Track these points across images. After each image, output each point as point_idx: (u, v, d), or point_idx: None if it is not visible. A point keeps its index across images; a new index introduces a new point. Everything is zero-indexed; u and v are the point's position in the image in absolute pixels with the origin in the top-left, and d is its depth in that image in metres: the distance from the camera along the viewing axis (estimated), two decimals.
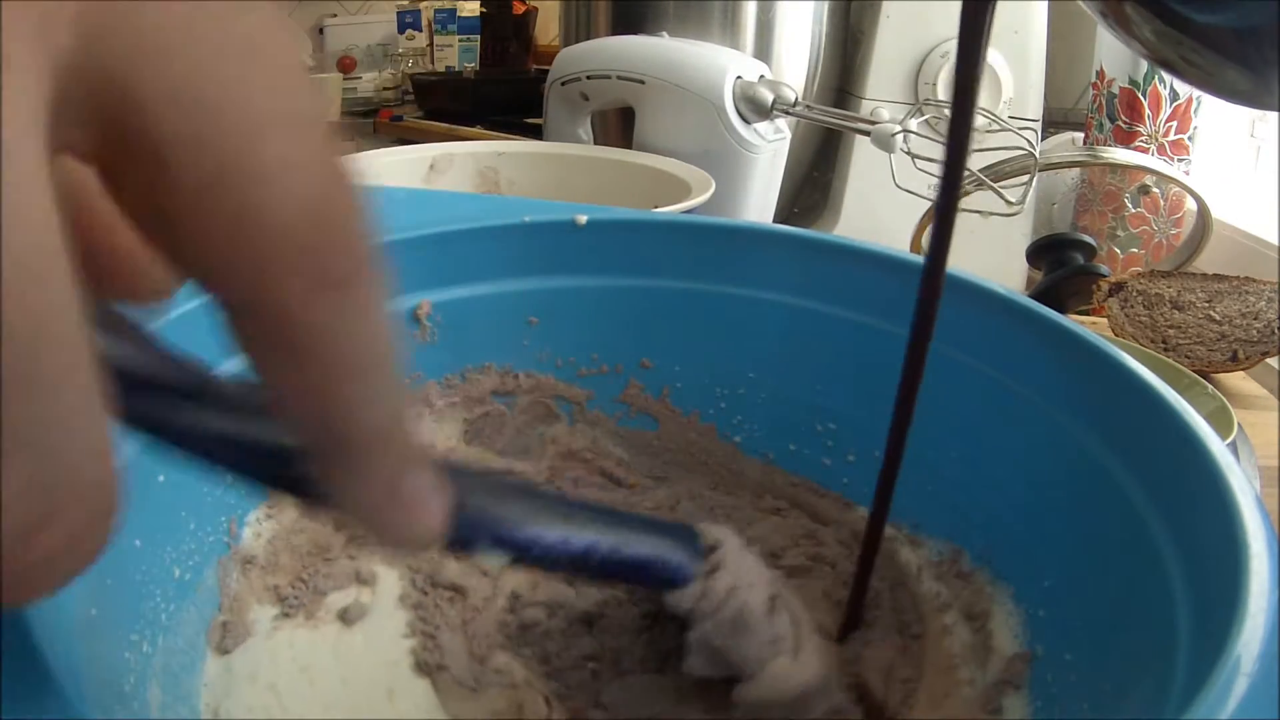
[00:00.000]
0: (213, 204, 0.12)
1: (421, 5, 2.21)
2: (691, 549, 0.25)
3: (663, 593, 0.25)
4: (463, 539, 0.19)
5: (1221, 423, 0.48)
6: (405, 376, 0.15)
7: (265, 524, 0.30)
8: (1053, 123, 1.04)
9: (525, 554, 0.21)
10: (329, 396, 0.14)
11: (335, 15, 2.35)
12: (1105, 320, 0.67)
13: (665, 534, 0.25)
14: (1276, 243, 0.84)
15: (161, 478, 0.26)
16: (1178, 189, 0.85)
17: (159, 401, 0.15)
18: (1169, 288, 0.66)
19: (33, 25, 0.10)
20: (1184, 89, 0.85)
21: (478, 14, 2.10)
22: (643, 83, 0.71)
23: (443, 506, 0.17)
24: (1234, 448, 0.47)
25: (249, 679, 0.26)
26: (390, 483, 0.15)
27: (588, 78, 0.75)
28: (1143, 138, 0.86)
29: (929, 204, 0.70)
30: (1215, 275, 0.68)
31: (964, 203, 0.68)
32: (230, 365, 0.29)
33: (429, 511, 0.16)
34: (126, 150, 0.12)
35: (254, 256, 0.12)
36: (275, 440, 0.16)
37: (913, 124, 0.62)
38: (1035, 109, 0.88)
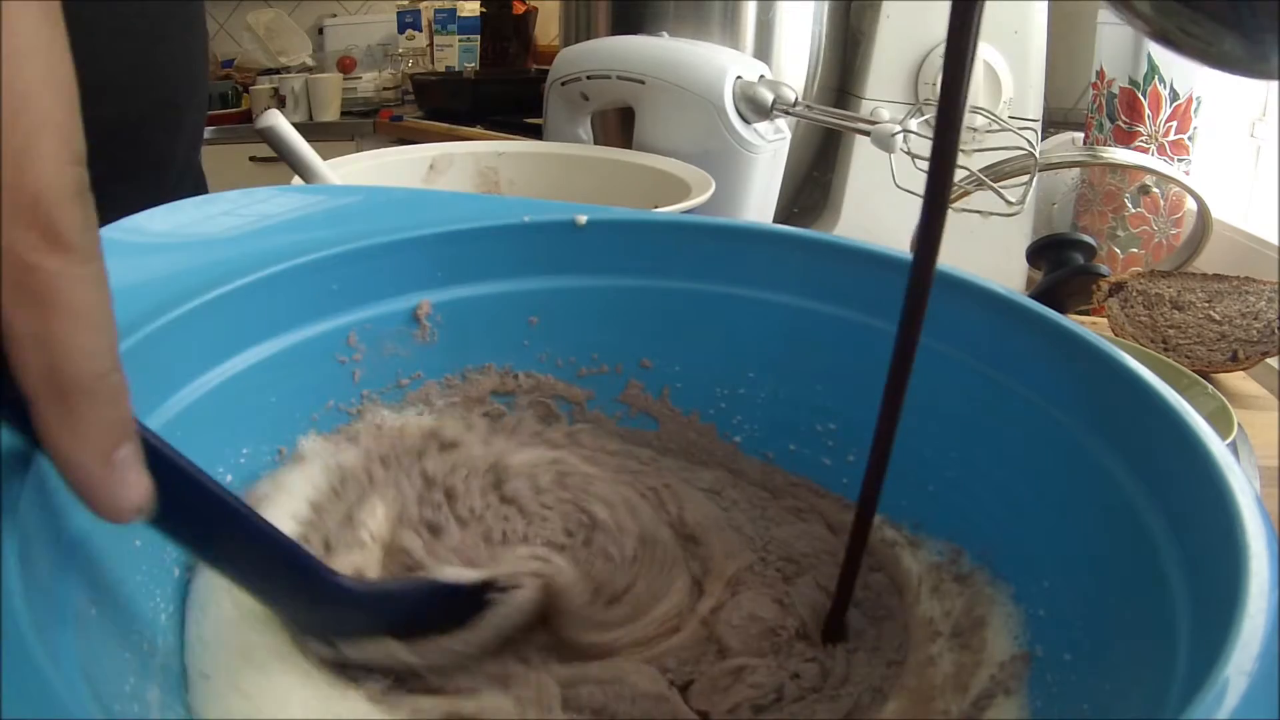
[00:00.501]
0: None
1: (421, 5, 2.21)
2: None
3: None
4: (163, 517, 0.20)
5: (1221, 423, 0.48)
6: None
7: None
8: (1053, 123, 1.04)
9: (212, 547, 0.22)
10: (54, 341, 0.16)
11: (335, 15, 2.36)
12: (1105, 320, 0.67)
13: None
14: (1276, 243, 0.84)
15: None
16: (1178, 189, 0.85)
17: None
18: (1169, 288, 0.66)
19: None
20: (1184, 89, 0.85)
21: (478, 14, 2.10)
22: (643, 83, 0.71)
23: (147, 488, 0.18)
24: (1234, 448, 0.47)
25: (201, 676, 0.26)
26: (102, 444, 0.17)
27: (588, 78, 0.75)
28: (1143, 138, 0.87)
29: None
30: (1215, 275, 0.68)
31: (964, 203, 0.68)
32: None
33: (134, 485, 0.18)
34: None
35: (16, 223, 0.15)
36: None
37: (913, 124, 0.62)
38: (1035, 109, 0.88)
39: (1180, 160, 0.87)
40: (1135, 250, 0.89)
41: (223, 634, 0.25)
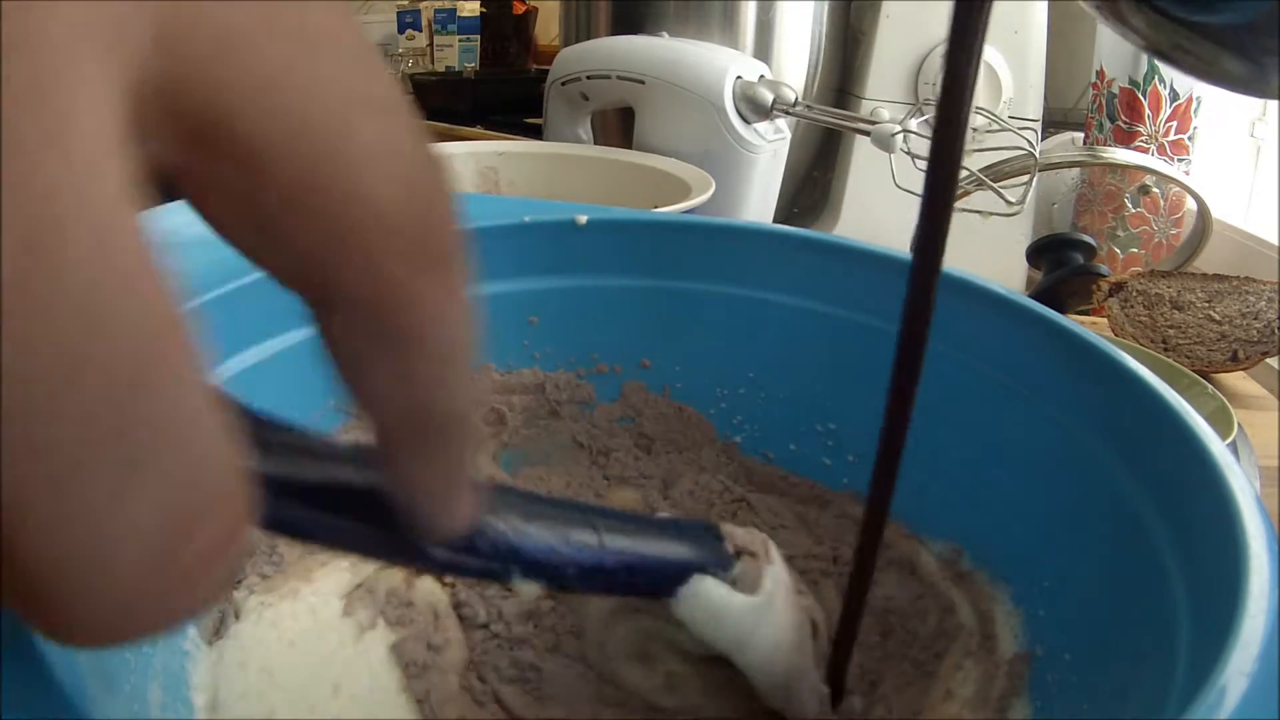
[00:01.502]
0: (312, 198, 0.12)
1: (421, 5, 2.21)
2: (715, 552, 0.24)
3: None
4: (488, 553, 0.19)
5: (1221, 423, 0.48)
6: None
7: None
8: (1053, 123, 1.04)
9: (550, 573, 0.20)
10: (423, 379, 0.14)
11: None
12: (1105, 320, 0.67)
13: (686, 536, 0.24)
14: (1276, 243, 0.84)
15: None
16: (1178, 189, 0.85)
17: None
18: (1169, 288, 0.66)
19: (109, 29, 0.10)
20: (1184, 88, 0.85)
21: (478, 14, 2.10)
22: (643, 83, 0.71)
23: (477, 501, 0.17)
24: (1234, 448, 0.47)
25: (239, 666, 0.26)
26: (455, 472, 0.15)
27: (588, 78, 0.75)
28: (1143, 138, 0.86)
29: None
30: (1215, 275, 0.68)
31: (964, 203, 0.68)
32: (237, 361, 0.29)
33: (472, 503, 0.16)
34: (213, 156, 0.11)
35: (358, 245, 0.12)
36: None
37: (913, 124, 0.62)
38: (1035, 109, 0.88)
39: (1180, 160, 0.87)
40: (1135, 250, 0.89)
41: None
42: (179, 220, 0.34)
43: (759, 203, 0.72)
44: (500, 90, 1.78)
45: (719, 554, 0.24)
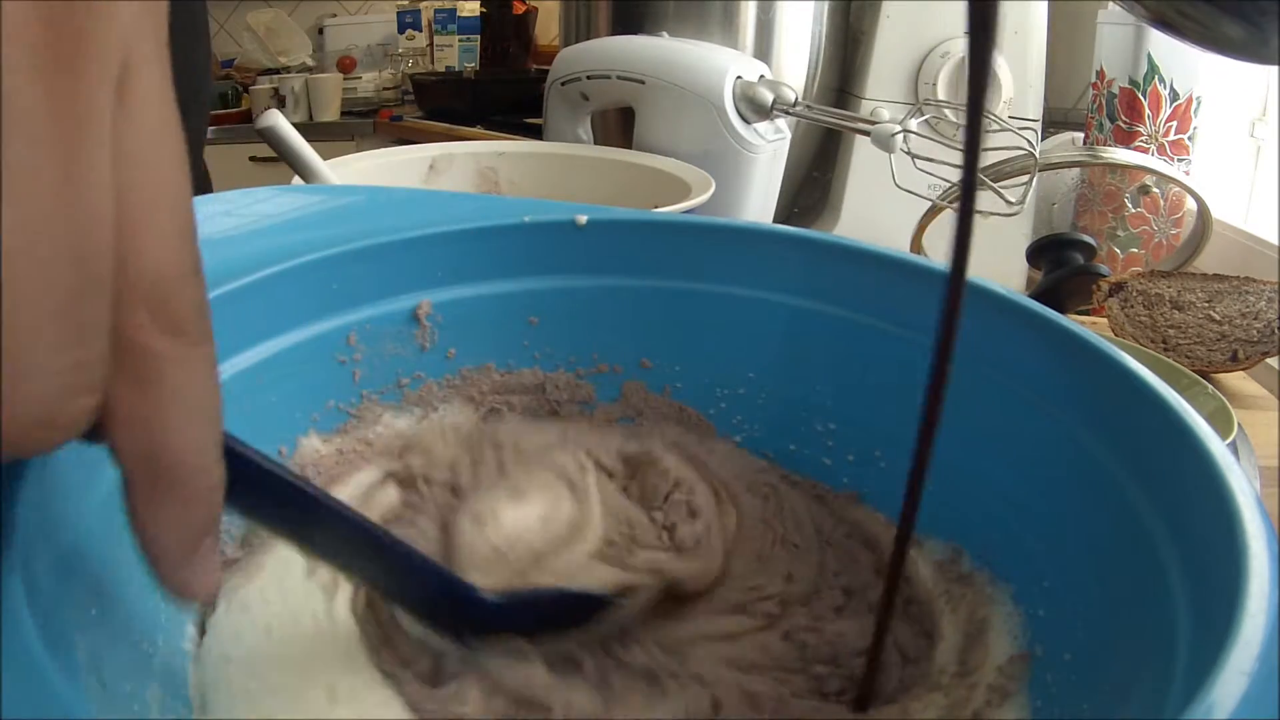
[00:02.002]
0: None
1: (421, 5, 2.21)
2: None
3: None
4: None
5: (1221, 423, 0.48)
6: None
7: None
8: (1053, 123, 1.04)
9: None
10: (162, 425, 0.16)
11: (335, 15, 2.36)
12: (1105, 320, 0.67)
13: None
14: (1276, 243, 0.84)
15: None
16: (1178, 189, 0.85)
17: None
18: (1169, 288, 0.66)
19: None
20: (1184, 88, 0.85)
21: (478, 14, 2.10)
22: (643, 83, 0.71)
23: (218, 577, 0.18)
24: (1234, 448, 0.47)
25: (224, 660, 0.26)
26: (185, 535, 0.17)
27: (588, 78, 0.75)
28: (1143, 138, 0.87)
29: (929, 204, 0.70)
30: (1215, 275, 0.68)
31: None
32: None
33: (208, 576, 0.17)
34: None
35: (120, 298, 0.15)
36: None
37: (913, 124, 0.62)
38: (1035, 109, 0.88)
39: (1180, 160, 0.87)
40: (1135, 250, 0.89)
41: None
42: None
43: (759, 203, 0.72)
44: (500, 90, 1.78)
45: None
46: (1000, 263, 0.86)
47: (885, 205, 0.83)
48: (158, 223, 0.15)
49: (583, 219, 0.35)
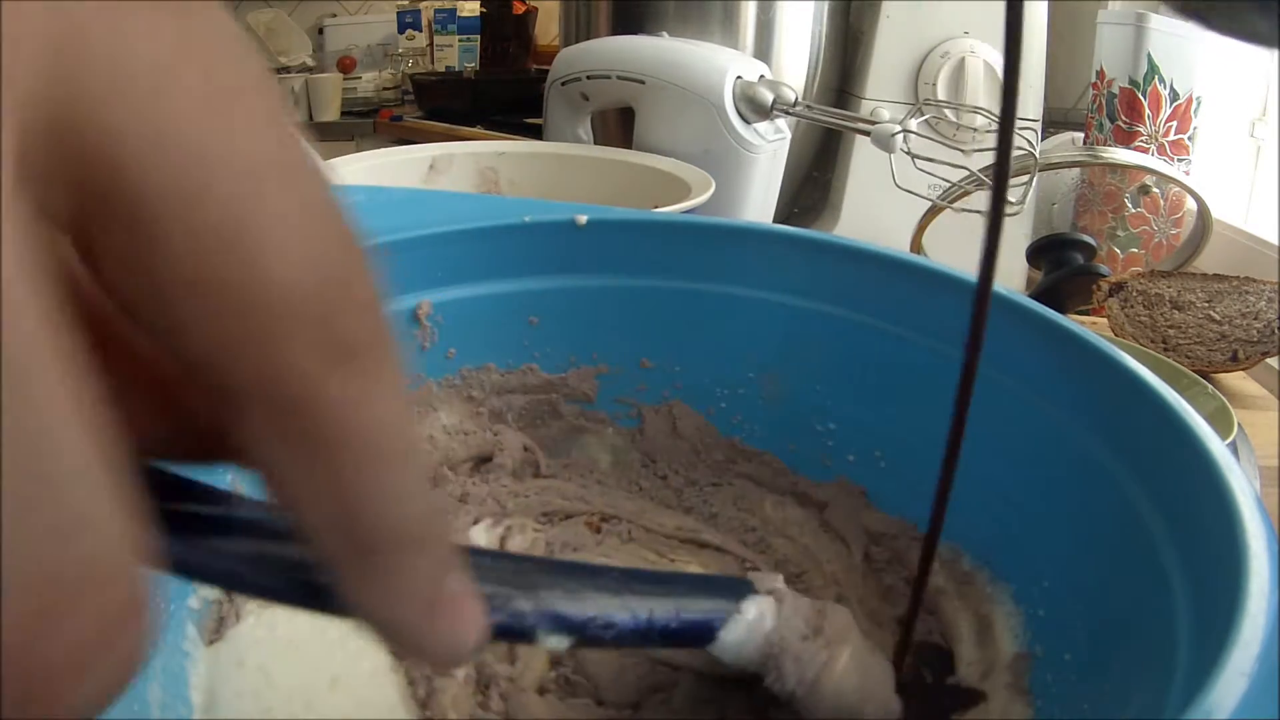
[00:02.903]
0: (208, 270, 0.10)
1: (421, 5, 2.21)
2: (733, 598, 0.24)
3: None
4: (511, 630, 0.18)
5: (1221, 423, 0.48)
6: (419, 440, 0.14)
7: None
8: (1053, 123, 1.04)
9: (580, 633, 0.19)
10: (352, 490, 0.12)
11: (335, 15, 2.36)
12: (1105, 320, 0.67)
13: (714, 589, 0.24)
14: (1276, 243, 0.84)
15: None
16: (1178, 189, 0.85)
17: (180, 534, 0.14)
18: (1169, 288, 0.66)
19: None
20: (1184, 89, 0.85)
21: (478, 14, 2.10)
22: (643, 83, 0.71)
23: (482, 612, 0.14)
24: (1234, 448, 0.47)
25: (237, 664, 0.26)
26: (426, 593, 0.13)
27: (588, 78, 0.75)
28: (1143, 138, 0.86)
29: (929, 204, 0.70)
30: (1215, 275, 0.68)
31: (964, 202, 0.68)
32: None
33: (469, 620, 0.14)
34: (103, 213, 0.10)
35: (260, 328, 0.10)
36: (298, 555, 0.14)
37: (913, 124, 0.62)
38: (1035, 109, 0.88)
39: (1180, 160, 0.87)
40: (1135, 250, 0.89)
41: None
42: None
43: (759, 203, 0.72)
44: (500, 90, 1.78)
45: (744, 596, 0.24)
46: (1000, 263, 0.86)
47: (885, 205, 0.83)
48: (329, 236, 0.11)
49: (583, 219, 0.35)
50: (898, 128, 0.61)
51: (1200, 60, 0.85)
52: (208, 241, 0.10)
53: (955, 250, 0.75)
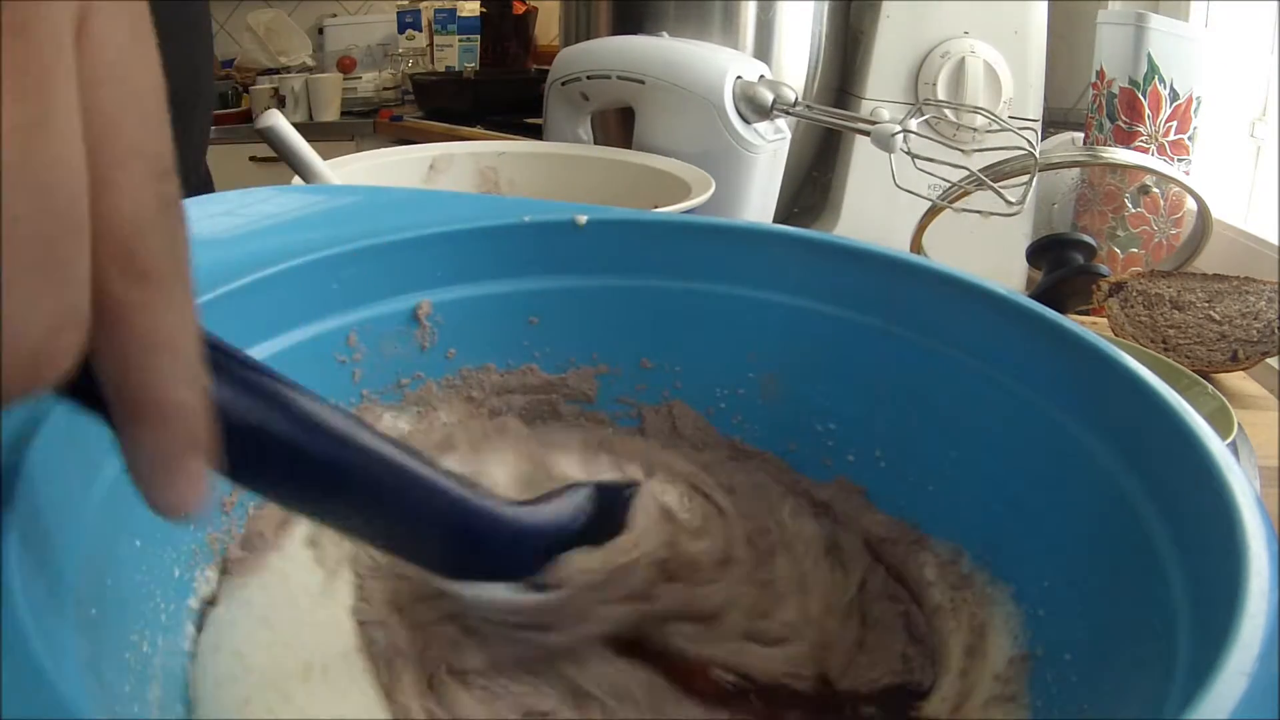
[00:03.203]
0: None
1: (421, 5, 2.21)
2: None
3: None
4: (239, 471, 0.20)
5: (1221, 423, 0.48)
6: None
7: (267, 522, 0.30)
8: (1053, 123, 1.04)
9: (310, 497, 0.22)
10: (131, 367, 0.16)
11: (335, 15, 2.36)
12: (1105, 320, 0.67)
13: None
14: (1276, 243, 0.84)
15: None
16: (1178, 189, 0.85)
17: None
18: (1169, 288, 0.66)
19: None
20: (1184, 89, 0.85)
21: (478, 14, 2.10)
22: (643, 83, 0.71)
23: (202, 493, 0.18)
24: (1234, 448, 0.47)
25: (214, 649, 0.26)
26: (167, 459, 0.17)
27: (588, 78, 0.75)
28: (1143, 138, 0.87)
29: (929, 204, 0.70)
30: (1215, 275, 0.68)
31: (964, 202, 0.68)
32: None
33: (191, 494, 0.18)
34: None
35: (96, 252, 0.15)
36: None
37: (913, 124, 0.62)
38: (1035, 109, 0.88)
39: (1180, 160, 0.87)
40: (1135, 250, 0.89)
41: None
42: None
43: (759, 203, 0.72)
44: (500, 90, 1.78)
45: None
46: (1000, 263, 0.86)
47: (885, 205, 0.83)
48: (127, 169, 0.15)
49: (583, 219, 0.35)
50: (898, 128, 0.61)
51: (1200, 60, 0.85)
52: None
53: (955, 250, 0.75)
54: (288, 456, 0.21)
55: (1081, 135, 0.97)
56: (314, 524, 0.27)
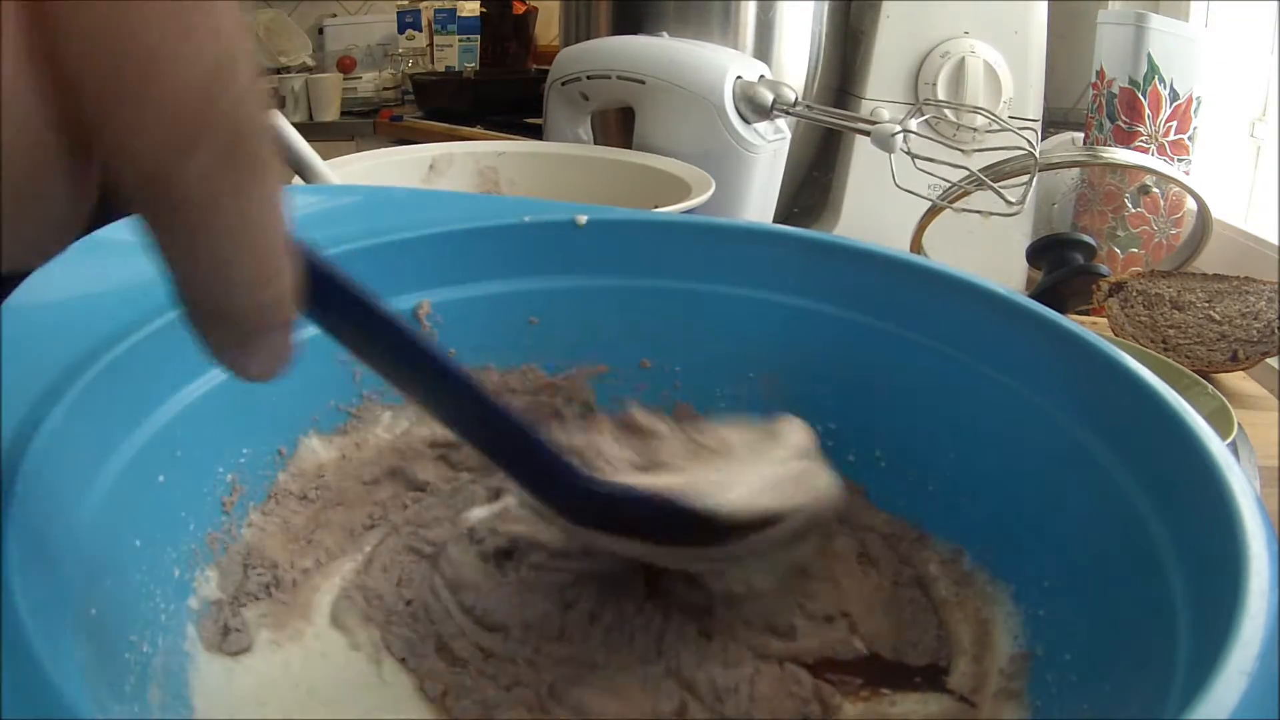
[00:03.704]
0: (117, 78, 0.12)
1: (421, 5, 2.21)
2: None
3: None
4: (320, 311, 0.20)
5: (1221, 423, 0.48)
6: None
7: (267, 522, 0.30)
8: (1053, 123, 1.04)
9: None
10: (212, 276, 0.14)
11: (335, 15, 2.35)
12: (1105, 320, 0.67)
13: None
14: (1276, 243, 0.84)
15: (161, 478, 0.26)
16: (1178, 189, 0.85)
17: None
18: (1169, 288, 0.66)
19: None
20: (1184, 89, 0.85)
21: (478, 14, 2.10)
22: (643, 83, 0.71)
23: (287, 356, 0.17)
24: (1234, 448, 0.47)
25: (258, 705, 0.26)
26: (254, 351, 0.16)
27: (588, 78, 0.75)
28: (1143, 138, 0.86)
29: (929, 204, 0.70)
30: (1215, 275, 0.68)
31: (964, 202, 0.68)
32: None
33: (275, 363, 0.16)
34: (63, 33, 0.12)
35: (157, 131, 0.13)
36: None
37: (913, 124, 0.62)
38: (1035, 109, 0.88)
39: (1180, 160, 0.87)
40: (1135, 250, 0.89)
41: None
42: None
43: (759, 203, 0.72)
44: (500, 90, 1.78)
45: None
46: (1000, 263, 0.86)
47: (885, 205, 0.83)
48: (236, 77, 0.13)
49: (583, 219, 0.35)
50: (898, 128, 0.61)
51: (1200, 60, 0.85)
52: (114, 55, 0.12)
53: (955, 250, 0.75)
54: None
55: (1081, 135, 0.97)
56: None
